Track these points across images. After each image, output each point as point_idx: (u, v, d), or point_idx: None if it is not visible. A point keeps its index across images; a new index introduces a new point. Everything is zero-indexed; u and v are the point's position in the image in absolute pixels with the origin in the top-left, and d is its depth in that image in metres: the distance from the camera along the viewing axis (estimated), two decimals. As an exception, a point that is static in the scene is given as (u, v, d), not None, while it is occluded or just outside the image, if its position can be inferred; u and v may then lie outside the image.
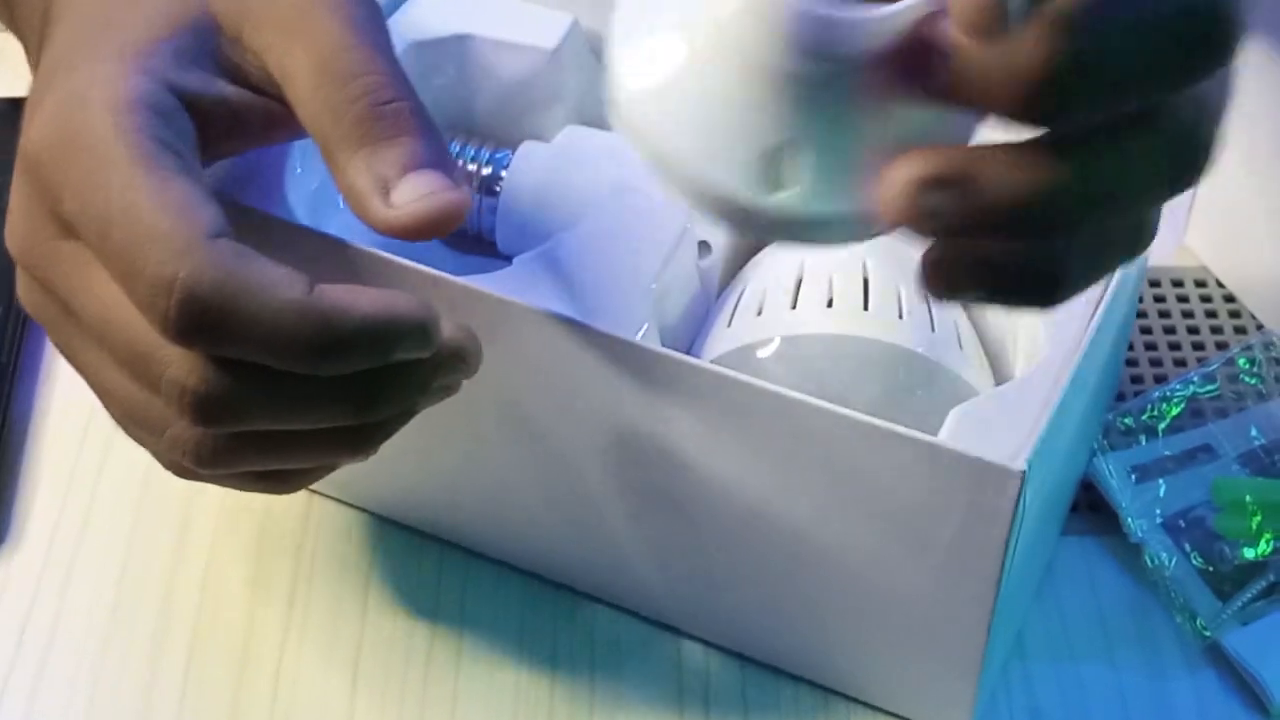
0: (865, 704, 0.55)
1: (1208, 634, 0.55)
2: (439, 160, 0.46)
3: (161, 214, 0.43)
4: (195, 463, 0.46)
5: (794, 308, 0.52)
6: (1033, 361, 0.50)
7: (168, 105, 0.46)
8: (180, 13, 0.48)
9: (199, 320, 0.43)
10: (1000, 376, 0.54)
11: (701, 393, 0.49)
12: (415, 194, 0.45)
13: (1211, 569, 0.56)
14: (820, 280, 0.53)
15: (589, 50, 0.60)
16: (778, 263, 0.54)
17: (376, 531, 0.59)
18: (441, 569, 0.58)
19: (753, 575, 0.53)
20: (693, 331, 0.54)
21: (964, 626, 0.50)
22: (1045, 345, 0.50)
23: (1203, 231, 0.68)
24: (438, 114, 0.50)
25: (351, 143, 0.46)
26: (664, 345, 0.50)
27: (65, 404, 0.62)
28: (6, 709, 0.55)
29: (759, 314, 0.53)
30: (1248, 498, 0.56)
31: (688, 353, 0.52)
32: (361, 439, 0.47)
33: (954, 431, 0.47)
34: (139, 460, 0.56)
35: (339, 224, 0.53)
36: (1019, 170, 0.37)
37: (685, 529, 0.53)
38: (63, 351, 0.49)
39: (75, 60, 0.47)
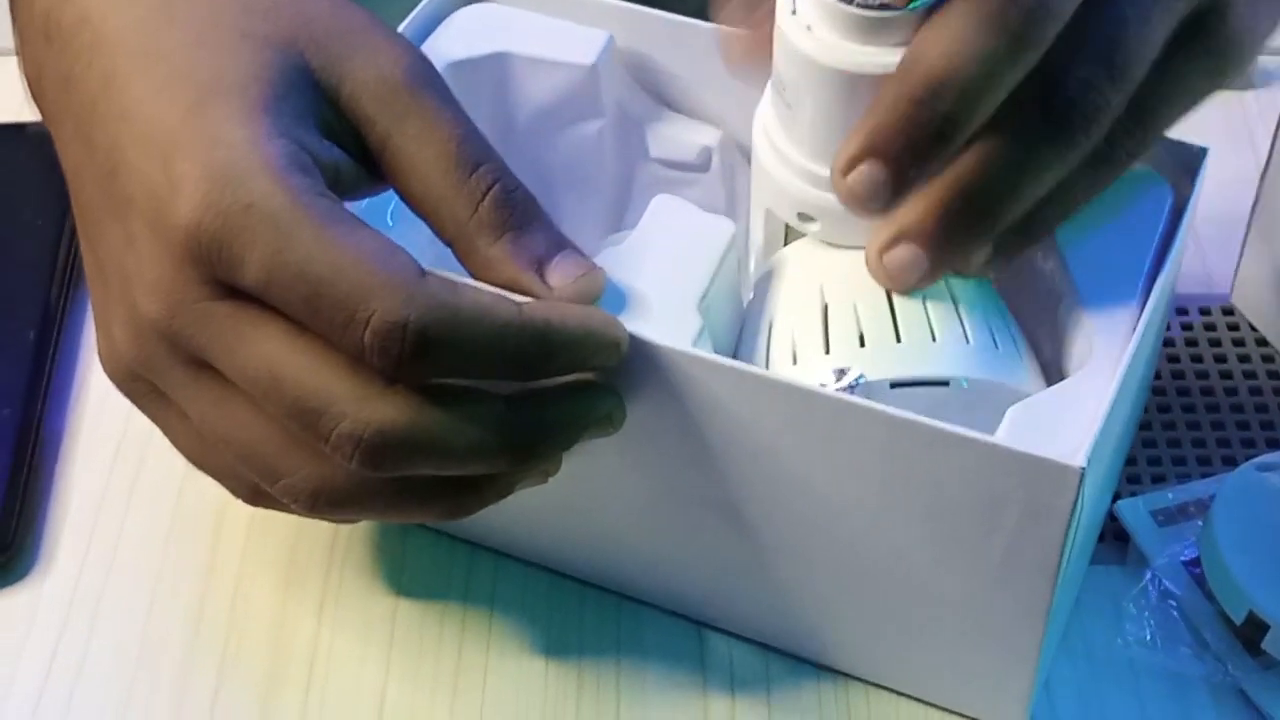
0: (887, 689, 0.55)
1: (1231, 677, 0.55)
2: (565, 239, 0.51)
3: (372, 264, 0.46)
4: (314, 506, 0.49)
5: (828, 352, 0.51)
6: (1084, 362, 0.50)
7: (309, 164, 0.48)
8: (279, 69, 0.49)
9: (432, 357, 0.46)
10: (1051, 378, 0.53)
11: (758, 400, 0.49)
12: (570, 276, 0.50)
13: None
14: (846, 314, 0.52)
15: (625, 67, 0.60)
16: (799, 295, 0.53)
17: (405, 529, 0.59)
18: (472, 561, 0.59)
19: (807, 577, 0.53)
20: (736, 337, 0.54)
21: (1021, 623, 0.50)
22: (1097, 346, 0.50)
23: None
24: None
25: (492, 229, 0.49)
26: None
27: (96, 426, 0.62)
28: (43, 717, 0.55)
29: (794, 363, 0.52)
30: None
31: (734, 358, 0.52)
32: (478, 494, 0.50)
33: (1010, 431, 0.48)
34: (173, 470, 0.57)
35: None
36: None
37: (740, 533, 0.53)
38: (164, 413, 0.51)
39: (191, 124, 0.48)
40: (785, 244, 0.55)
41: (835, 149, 0.49)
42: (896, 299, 0.51)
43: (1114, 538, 0.59)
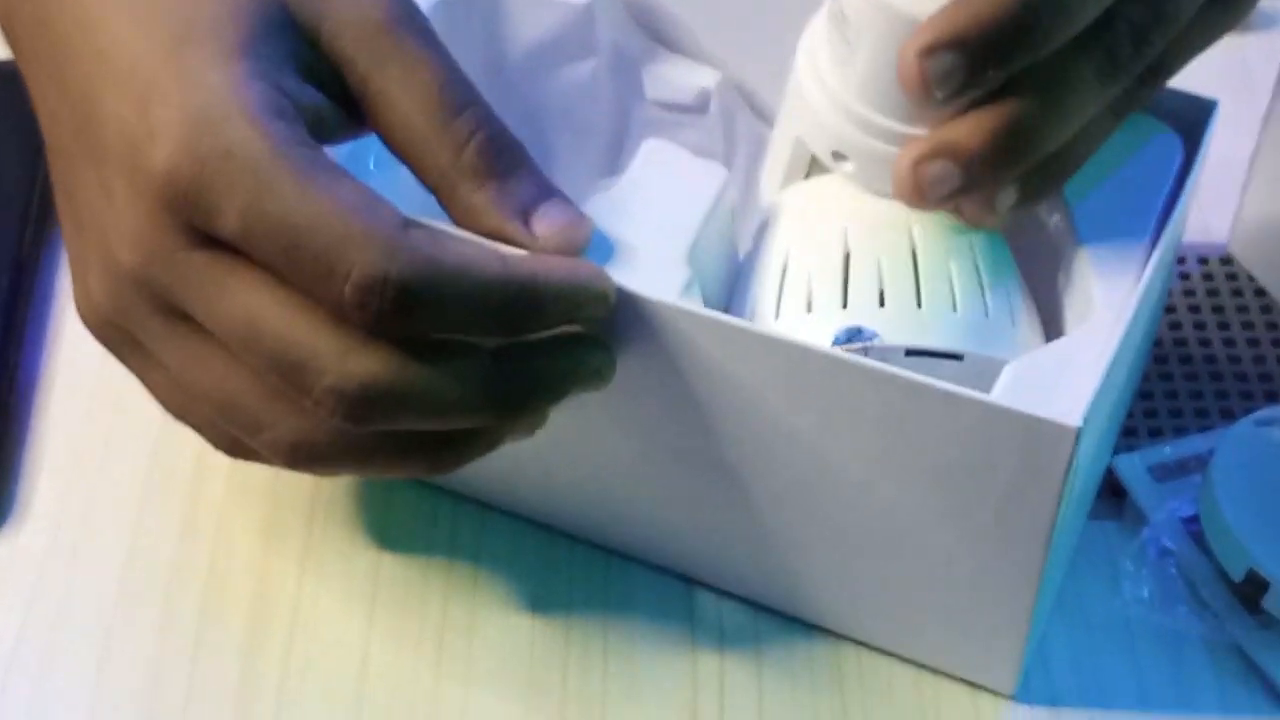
0: (879, 649, 0.55)
1: (1230, 635, 0.55)
2: (551, 186, 0.50)
3: (352, 216, 0.45)
4: (294, 460, 0.48)
5: (845, 306, 0.50)
6: (1084, 318, 0.50)
7: (289, 109, 0.47)
8: (258, 8, 0.48)
9: (413, 312, 0.45)
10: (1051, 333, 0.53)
11: (748, 354, 0.48)
12: (556, 225, 0.49)
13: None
14: (868, 267, 0.51)
15: (621, 5, 0.59)
16: (819, 236, 0.52)
17: (389, 481, 0.59)
18: (457, 515, 0.58)
19: (799, 535, 0.53)
20: (729, 287, 0.54)
21: (1014, 583, 0.50)
22: (1098, 302, 0.50)
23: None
24: (468, 72, 0.50)
25: (476, 175, 0.49)
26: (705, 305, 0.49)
27: (71, 373, 0.61)
28: (18, 672, 0.54)
29: (809, 310, 0.51)
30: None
31: (726, 309, 0.51)
32: (463, 449, 0.49)
33: (1007, 389, 0.47)
34: (151, 419, 0.56)
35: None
36: None
37: (730, 490, 0.52)
38: (143, 363, 0.50)
39: (169, 67, 0.47)
40: (807, 177, 0.54)
41: (887, 95, 0.49)
42: (921, 259, 0.51)
43: (1111, 494, 0.58)
